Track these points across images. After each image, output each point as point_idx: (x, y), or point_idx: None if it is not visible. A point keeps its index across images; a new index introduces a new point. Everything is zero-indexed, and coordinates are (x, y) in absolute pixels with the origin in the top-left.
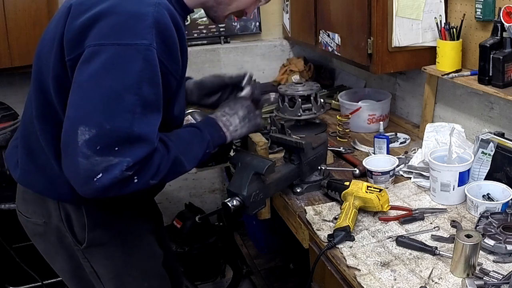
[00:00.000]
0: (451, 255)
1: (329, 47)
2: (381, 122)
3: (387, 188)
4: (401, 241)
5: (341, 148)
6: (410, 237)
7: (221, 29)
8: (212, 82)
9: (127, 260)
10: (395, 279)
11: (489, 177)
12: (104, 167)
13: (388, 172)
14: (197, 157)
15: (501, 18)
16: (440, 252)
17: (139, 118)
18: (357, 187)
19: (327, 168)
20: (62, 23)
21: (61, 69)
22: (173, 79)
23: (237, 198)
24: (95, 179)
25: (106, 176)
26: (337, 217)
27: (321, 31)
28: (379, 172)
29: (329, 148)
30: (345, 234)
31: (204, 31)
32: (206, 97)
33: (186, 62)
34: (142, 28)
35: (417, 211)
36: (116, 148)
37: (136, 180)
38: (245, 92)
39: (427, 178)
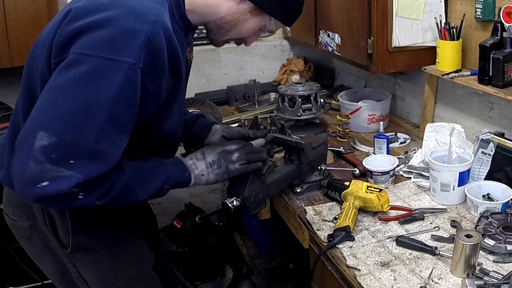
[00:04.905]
0: (451, 255)
1: (329, 47)
2: (381, 122)
3: (387, 188)
4: (401, 241)
5: (341, 148)
6: (410, 237)
7: None
8: (239, 131)
9: (114, 265)
10: (395, 279)
11: (489, 177)
12: (53, 177)
13: (388, 172)
14: (152, 189)
15: (501, 18)
16: (440, 252)
17: (106, 136)
18: (357, 187)
19: (327, 168)
20: (57, 26)
21: (47, 71)
22: (150, 102)
23: (237, 198)
24: (39, 185)
25: (51, 186)
26: (337, 217)
27: (321, 31)
28: (379, 172)
29: (329, 148)
30: (345, 234)
31: (204, 31)
32: None
33: (182, 80)
34: (132, 45)
35: (417, 211)
36: (72, 161)
37: (81, 197)
38: (255, 143)
39: (427, 178)
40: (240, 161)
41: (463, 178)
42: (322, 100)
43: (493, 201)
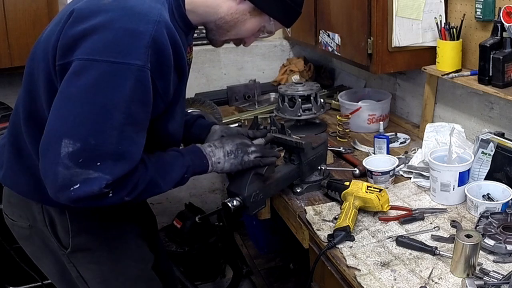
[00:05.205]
0: (451, 255)
1: (329, 47)
2: (381, 122)
3: (387, 188)
4: (401, 241)
5: (341, 148)
6: (410, 237)
7: None
8: (238, 131)
9: (114, 265)
10: (395, 279)
11: (489, 177)
12: (83, 179)
13: (388, 172)
14: (174, 180)
15: (501, 18)
16: (440, 252)
17: (126, 136)
18: (357, 187)
19: (327, 168)
20: (60, 27)
21: (53, 72)
22: (160, 100)
23: (237, 198)
24: (71, 188)
25: (83, 188)
26: (337, 217)
27: (321, 31)
28: (379, 172)
29: (329, 148)
30: (345, 234)
31: (204, 31)
32: None
33: (185, 79)
34: (137, 47)
35: (417, 211)
36: (98, 163)
37: (111, 195)
38: (256, 142)
39: (427, 178)
40: (255, 153)
41: (463, 178)
42: (322, 100)
43: (493, 201)
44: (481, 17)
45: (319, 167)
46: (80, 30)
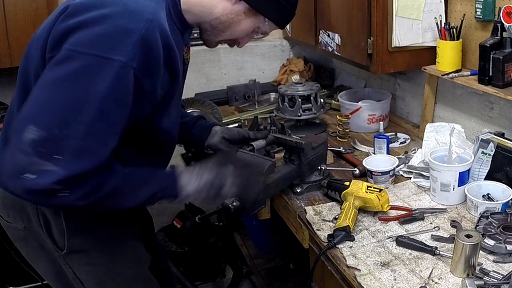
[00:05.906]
0: (451, 255)
1: (329, 47)
2: (381, 122)
3: (387, 188)
4: (401, 241)
5: (341, 148)
6: (410, 237)
7: None
8: (239, 132)
9: (110, 266)
10: (395, 279)
11: (489, 177)
12: (37, 170)
13: (388, 172)
14: (138, 199)
15: (501, 18)
16: (440, 252)
17: (94, 133)
18: (357, 187)
19: (327, 168)
20: (53, 23)
21: (42, 67)
22: (146, 101)
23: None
24: (22, 176)
25: (35, 180)
26: (337, 217)
27: (321, 31)
28: (379, 172)
29: (329, 148)
30: (345, 234)
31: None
32: (229, 144)
33: (179, 79)
34: (125, 44)
35: (417, 211)
36: (57, 156)
37: (65, 194)
38: (255, 144)
39: (427, 178)
40: (234, 188)
41: (463, 178)
42: (322, 100)
43: (493, 201)
44: (481, 17)
45: (319, 167)
46: (71, 23)
